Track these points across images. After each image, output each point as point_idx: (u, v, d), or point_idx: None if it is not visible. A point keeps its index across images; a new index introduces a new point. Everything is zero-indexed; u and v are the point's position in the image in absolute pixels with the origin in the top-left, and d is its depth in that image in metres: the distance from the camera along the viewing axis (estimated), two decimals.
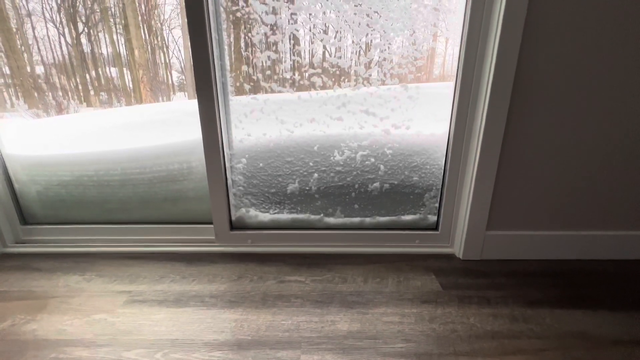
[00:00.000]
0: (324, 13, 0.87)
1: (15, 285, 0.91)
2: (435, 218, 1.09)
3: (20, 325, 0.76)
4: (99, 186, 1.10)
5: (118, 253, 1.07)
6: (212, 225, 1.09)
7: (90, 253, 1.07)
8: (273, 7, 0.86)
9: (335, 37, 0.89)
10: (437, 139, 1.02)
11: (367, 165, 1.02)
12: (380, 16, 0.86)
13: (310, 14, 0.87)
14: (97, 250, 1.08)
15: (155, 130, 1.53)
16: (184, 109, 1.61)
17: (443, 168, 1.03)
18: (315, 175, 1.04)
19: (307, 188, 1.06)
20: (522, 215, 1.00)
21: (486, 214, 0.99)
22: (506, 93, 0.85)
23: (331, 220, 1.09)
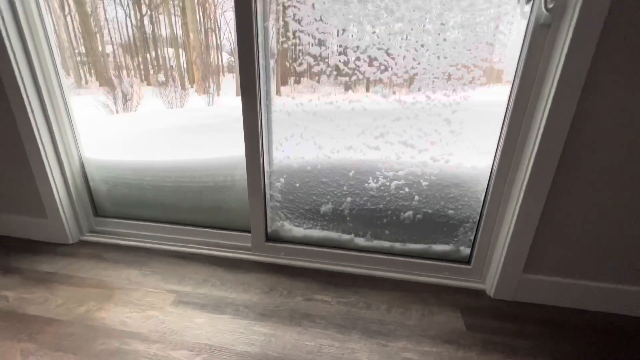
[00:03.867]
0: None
1: (89, 272, 1.09)
2: (468, 251, 1.06)
3: (93, 312, 0.92)
4: (155, 189, 1.24)
5: (169, 251, 1.21)
6: (249, 234, 1.18)
7: (146, 248, 1.23)
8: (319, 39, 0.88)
9: (379, 69, 0.88)
10: (478, 172, 0.98)
11: (401, 194, 1.03)
12: (427, 49, 0.84)
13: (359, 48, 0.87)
14: (152, 246, 1.23)
15: (205, 134, 1.65)
16: (230, 114, 1.71)
17: (482, 202, 1.00)
18: (349, 198, 1.07)
19: (340, 209, 1.10)
20: (564, 261, 0.93)
21: (525, 255, 0.94)
22: (561, 136, 0.79)
23: (361, 242, 1.12)
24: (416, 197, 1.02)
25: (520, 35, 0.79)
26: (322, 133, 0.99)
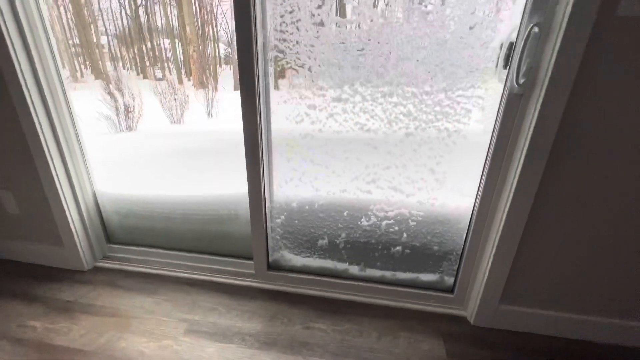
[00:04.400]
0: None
1: (106, 301, 1.19)
2: (452, 281, 1.17)
3: (114, 342, 1.02)
4: (164, 220, 1.34)
5: (178, 278, 1.31)
6: (252, 262, 1.28)
7: (157, 275, 1.33)
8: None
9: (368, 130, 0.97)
10: (461, 211, 1.08)
11: (391, 231, 1.12)
12: (414, 106, 0.93)
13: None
14: (162, 273, 1.33)
15: (208, 157, 1.74)
16: (232, 139, 1.79)
17: (464, 237, 1.10)
18: (343, 233, 1.17)
19: (336, 241, 1.19)
20: (538, 293, 1.04)
21: (501, 287, 1.05)
22: (534, 183, 0.88)
23: (355, 271, 1.22)
24: (405, 235, 1.12)
25: (497, 98, 0.88)
26: (319, 178, 1.08)
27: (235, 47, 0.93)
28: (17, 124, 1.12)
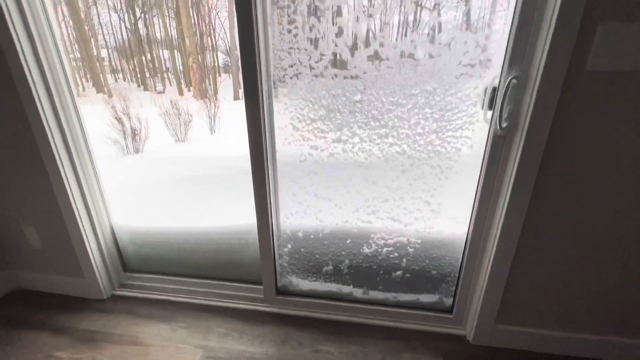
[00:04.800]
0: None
1: (125, 329, 1.27)
2: (451, 302, 1.24)
3: None
4: (177, 250, 1.42)
5: (193, 304, 1.39)
6: (262, 287, 1.35)
7: (172, 301, 1.41)
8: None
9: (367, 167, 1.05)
10: (456, 237, 1.15)
11: (391, 258, 1.20)
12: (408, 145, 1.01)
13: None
14: (177, 300, 1.41)
15: (216, 184, 1.82)
16: (239, 165, 1.88)
17: (461, 260, 1.17)
18: (347, 260, 1.24)
19: (340, 266, 1.27)
20: (532, 313, 1.11)
21: (496, 308, 1.12)
22: (521, 211, 0.96)
23: (359, 294, 1.29)
24: (404, 260, 1.20)
25: (484, 136, 0.96)
26: (323, 210, 1.16)
27: (238, 60, 1.02)
28: (41, 166, 1.22)
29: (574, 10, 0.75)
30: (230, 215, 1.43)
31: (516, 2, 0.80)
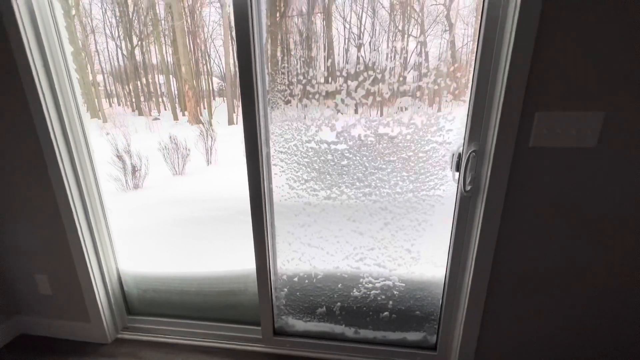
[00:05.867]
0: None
1: None
2: (435, 339, 1.35)
3: None
4: (180, 294, 1.51)
5: (194, 346, 1.46)
6: (260, 327, 1.44)
7: (174, 344, 1.48)
8: None
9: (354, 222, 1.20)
10: (437, 279, 1.28)
11: (379, 300, 1.32)
12: (389, 201, 1.16)
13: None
14: (178, 342, 1.49)
15: (215, 226, 1.94)
16: (238, 206, 2.01)
17: (440, 302, 1.29)
18: (339, 303, 1.36)
19: (332, 308, 1.38)
20: (507, 351, 1.23)
21: (474, 347, 1.23)
22: (489, 255, 1.10)
23: (350, 334, 1.39)
24: (390, 302, 1.32)
25: (454, 194, 1.12)
26: (316, 257, 1.29)
27: (244, 145, 1.17)
28: (57, 214, 1.33)
29: (515, 102, 0.93)
30: (229, 257, 1.54)
31: (470, 92, 0.99)
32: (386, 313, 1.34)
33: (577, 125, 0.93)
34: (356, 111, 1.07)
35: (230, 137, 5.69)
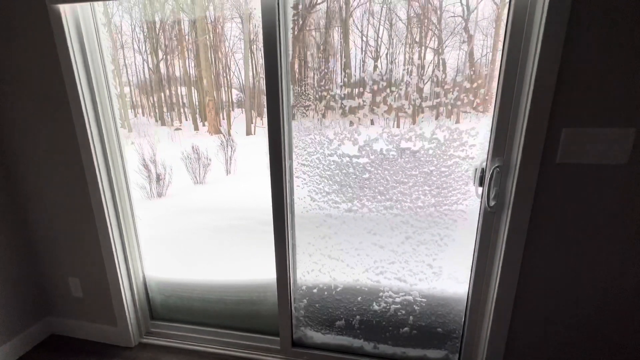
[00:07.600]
0: None
1: None
2: (457, 358, 1.31)
3: None
4: (202, 301, 1.55)
5: (214, 354, 1.49)
6: (278, 338, 1.45)
7: (195, 351, 1.51)
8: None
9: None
10: (459, 296, 1.26)
11: (399, 315, 1.30)
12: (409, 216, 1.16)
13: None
14: (198, 349, 1.51)
15: (236, 235, 1.98)
16: (258, 217, 2.05)
17: (463, 319, 1.26)
18: (358, 316, 1.35)
19: (351, 321, 1.37)
20: None
21: None
22: (515, 272, 1.07)
23: (369, 349, 1.38)
24: (411, 317, 1.30)
25: (477, 209, 1.11)
26: (336, 270, 1.29)
27: (268, 157, 1.21)
28: (91, 219, 1.40)
29: (541, 118, 0.93)
30: (249, 265, 1.57)
31: (494, 108, 0.99)
32: (406, 329, 1.32)
33: (607, 142, 0.91)
34: (377, 124, 1.09)
35: (249, 147, 5.83)
